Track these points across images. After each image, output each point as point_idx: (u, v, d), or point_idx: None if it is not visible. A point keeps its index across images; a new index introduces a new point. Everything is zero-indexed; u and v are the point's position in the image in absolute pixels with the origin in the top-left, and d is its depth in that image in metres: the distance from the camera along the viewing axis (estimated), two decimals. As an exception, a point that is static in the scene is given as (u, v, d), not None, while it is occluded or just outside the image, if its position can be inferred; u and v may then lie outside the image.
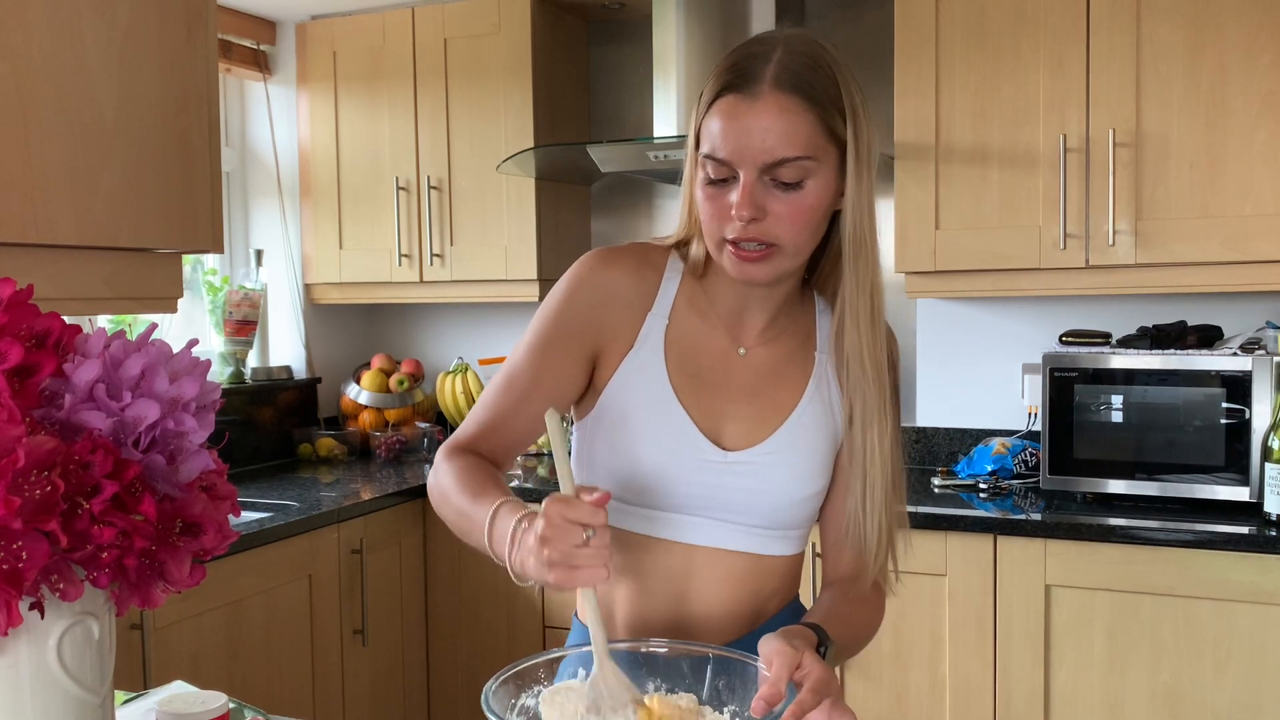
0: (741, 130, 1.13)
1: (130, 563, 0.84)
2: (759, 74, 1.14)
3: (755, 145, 1.13)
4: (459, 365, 3.47)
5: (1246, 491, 2.35)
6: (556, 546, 1.01)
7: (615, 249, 1.29)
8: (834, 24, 3.07)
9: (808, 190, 1.15)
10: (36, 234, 1.31)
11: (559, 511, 1.02)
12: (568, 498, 1.04)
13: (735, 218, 1.14)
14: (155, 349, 0.89)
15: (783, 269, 1.19)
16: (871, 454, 1.24)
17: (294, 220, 3.46)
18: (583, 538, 1.01)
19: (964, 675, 2.42)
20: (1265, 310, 2.67)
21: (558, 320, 1.26)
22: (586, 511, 1.02)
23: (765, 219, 1.14)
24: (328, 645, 2.67)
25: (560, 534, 1.01)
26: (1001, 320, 2.95)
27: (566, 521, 1.01)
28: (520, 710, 1.06)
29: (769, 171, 1.14)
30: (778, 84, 1.13)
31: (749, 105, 1.14)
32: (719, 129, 1.15)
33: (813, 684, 1.02)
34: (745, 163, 1.14)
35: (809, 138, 1.14)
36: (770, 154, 1.13)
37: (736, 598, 1.27)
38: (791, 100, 1.13)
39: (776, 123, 1.13)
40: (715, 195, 1.17)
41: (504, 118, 3.11)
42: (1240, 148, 2.39)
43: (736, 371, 1.27)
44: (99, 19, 1.37)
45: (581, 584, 1.02)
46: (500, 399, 1.26)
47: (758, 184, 1.14)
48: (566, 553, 1.01)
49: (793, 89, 1.13)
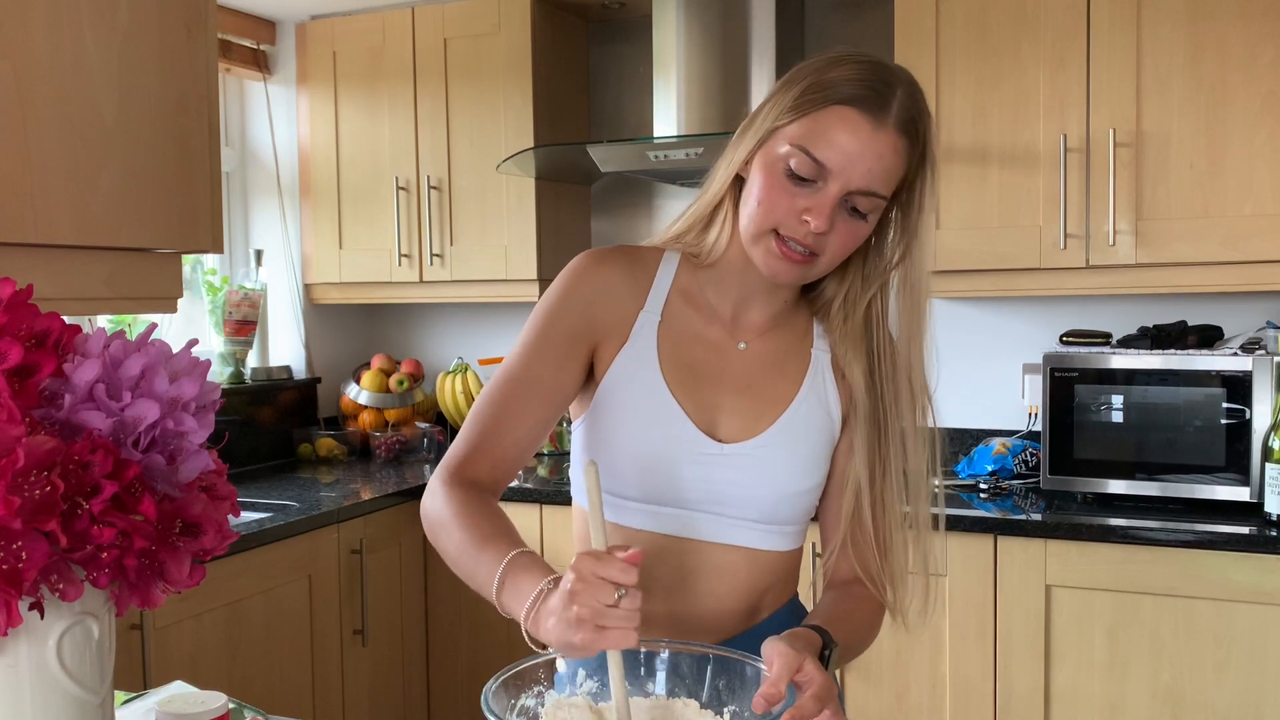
0: (859, 150, 1.13)
1: (130, 563, 0.84)
2: (888, 103, 1.15)
3: (861, 170, 1.14)
4: (459, 365, 3.47)
5: (1247, 491, 2.35)
6: (586, 603, 0.95)
7: (606, 249, 1.30)
8: (834, 24, 3.07)
9: (868, 224, 1.18)
10: (36, 234, 1.30)
11: (591, 568, 0.96)
12: (600, 553, 0.98)
13: (805, 222, 1.15)
14: (155, 349, 0.89)
15: (806, 278, 1.22)
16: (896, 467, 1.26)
17: (294, 220, 3.46)
18: (614, 597, 0.96)
19: (964, 675, 2.42)
20: (1265, 310, 2.67)
21: (553, 320, 1.25)
22: (619, 569, 0.96)
23: (824, 235, 1.16)
24: (328, 645, 2.66)
25: (591, 590, 0.96)
26: (1001, 320, 2.95)
27: (598, 579, 0.96)
28: (520, 711, 1.06)
29: (853, 196, 1.15)
30: (899, 122, 1.15)
31: (873, 130, 1.14)
32: (835, 137, 1.14)
33: (815, 690, 1.02)
34: (843, 179, 1.14)
35: (898, 179, 1.18)
36: (868, 184, 1.15)
37: (733, 593, 1.27)
38: (903, 142, 1.16)
39: (886, 159, 1.15)
40: (791, 189, 1.16)
41: (504, 118, 3.11)
42: (1240, 148, 2.38)
43: (733, 365, 1.27)
44: (99, 19, 1.36)
45: (608, 646, 0.97)
46: (497, 407, 1.23)
47: (839, 201, 1.15)
48: (596, 611, 0.95)
49: (906, 132, 1.16)
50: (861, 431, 1.26)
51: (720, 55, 2.84)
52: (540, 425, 1.25)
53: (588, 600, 0.95)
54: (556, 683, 1.10)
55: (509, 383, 1.24)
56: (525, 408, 1.23)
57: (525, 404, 1.23)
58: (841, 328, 1.28)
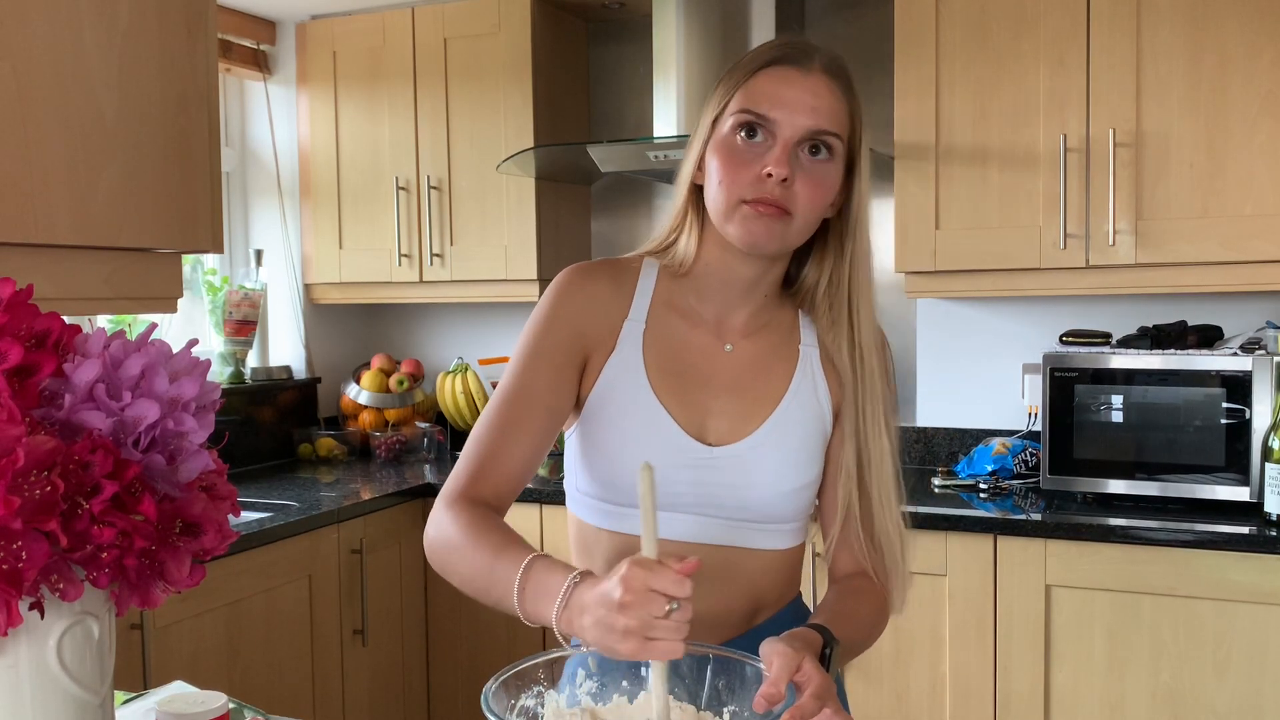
0: (795, 95, 1.19)
1: (130, 563, 0.84)
2: (810, 54, 1.22)
3: (804, 110, 1.18)
4: (459, 365, 3.47)
5: (1246, 491, 2.35)
6: (636, 615, 0.95)
7: (588, 264, 1.32)
8: (834, 24, 3.07)
9: (830, 167, 1.21)
10: (36, 234, 1.31)
11: (643, 579, 0.95)
12: (652, 563, 0.97)
13: (767, 176, 1.17)
14: (155, 349, 0.89)
15: (787, 241, 1.22)
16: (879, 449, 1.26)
17: (294, 220, 3.46)
18: (664, 610, 0.95)
19: (964, 675, 2.42)
20: (1265, 310, 2.67)
21: (542, 338, 1.27)
22: (673, 582, 0.95)
23: (790, 187, 1.18)
24: (328, 645, 2.66)
25: (642, 602, 0.95)
26: (1001, 320, 2.95)
27: (650, 591, 0.95)
28: (520, 711, 1.06)
29: (806, 140, 1.19)
30: (825, 67, 1.22)
31: (803, 75, 1.20)
32: (766, 89, 1.20)
33: (815, 689, 1.02)
34: (789, 125, 1.18)
35: (843, 120, 1.22)
36: (814, 122, 1.19)
37: (732, 594, 1.27)
38: (837, 84, 1.22)
39: (825, 96, 1.20)
40: (745, 156, 1.20)
41: (504, 118, 3.11)
42: (1240, 148, 2.38)
43: (721, 367, 1.28)
44: (99, 19, 1.36)
45: (656, 657, 0.97)
46: (496, 430, 1.24)
47: (793, 149, 1.19)
48: (646, 623, 0.95)
49: (838, 77, 1.22)
50: (848, 414, 1.28)
51: (720, 55, 2.84)
52: (540, 442, 1.25)
53: (638, 613, 0.95)
54: (561, 684, 1.10)
55: (505, 404, 1.25)
56: (523, 428, 1.24)
57: (523, 424, 1.24)
58: (829, 314, 1.29)
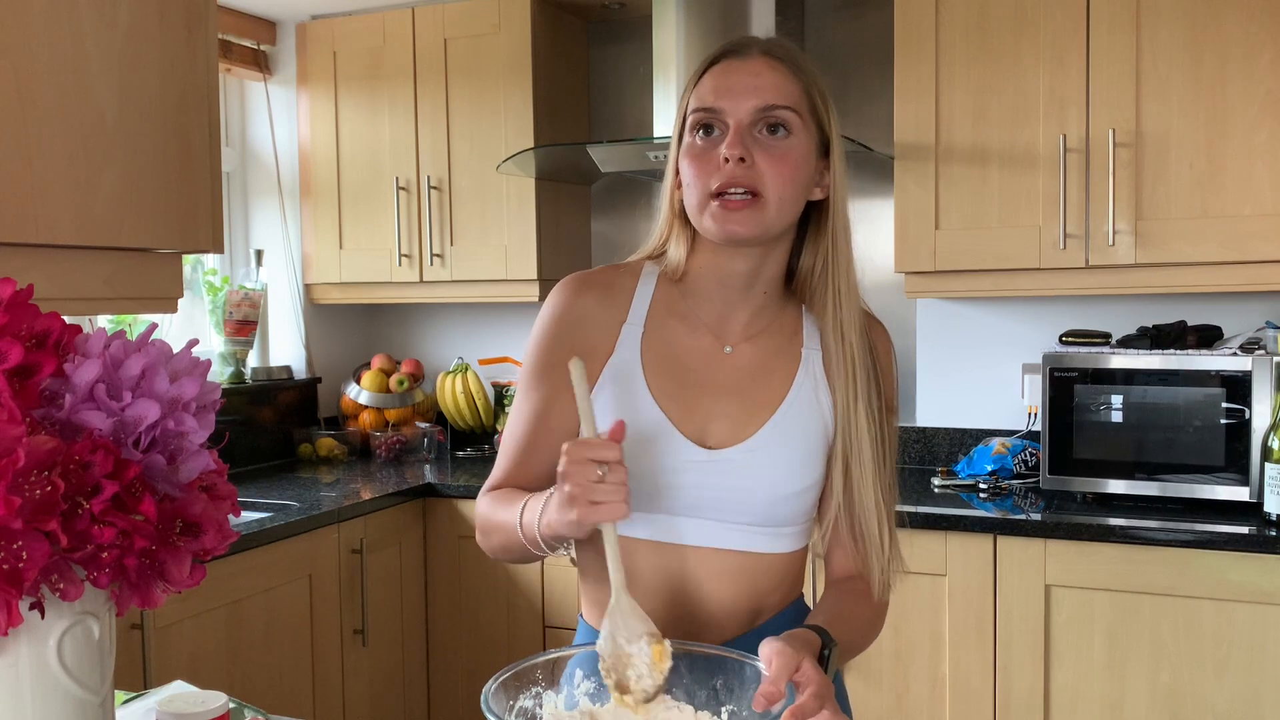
0: (736, 80, 1.22)
1: (130, 563, 0.84)
2: (748, 43, 1.25)
3: (747, 91, 1.20)
4: (459, 365, 3.47)
5: (1246, 491, 2.35)
6: (576, 481, 1.07)
7: (585, 273, 1.34)
8: (834, 24, 3.07)
9: (792, 143, 1.21)
10: (37, 234, 1.31)
11: (577, 452, 1.08)
12: (585, 439, 1.10)
13: (723, 161, 1.19)
14: (155, 349, 0.89)
15: (765, 224, 1.21)
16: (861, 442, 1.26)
17: (294, 220, 3.46)
18: (599, 474, 1.07)
19: (964, 675, 2.42)
20: (1265, 310, 2.67)
21: (546, 350, 1.30)
22: (601, 447, 1.08)
23: (752, 166, 1.19)
24: (328, 645, 2.67)
25: (579, 470, 1.07)
26: (1001, 320, 2.95)
27: (584, 459, 1.08)
28: (520, 711, 1.06)
29: (758, 118, 1.20)
30: (764, 51, 1.24)
31: (740, 62, 1.23)
32: (710, 84, 1.23)
33: (815, 689, 1.03)
34: (736, 107, 1.20)
35: (796, 96, 1.22)
36: (760, 98, 1.20)
37: (733, 596, 1.27)
38: (781, 64, 1.23)
39: (767, 75, 1.22)
40: (703, 151, 1.22)
41: (504, 118, 3.11)
42: (1240, 148, 2.38)
43: (722, 370, 1.28)
44: (99, 19, 1.37)
45: (602, 519, 1.08)
46: (523, 440, 1.31)
47: (747, 131, 1.20)
48: (585, 488, 1.07)
49: (781, 58, 1.24)
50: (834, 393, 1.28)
51: (720, 55, 2.84)
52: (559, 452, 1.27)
53: (577, 479, 1.07)
54: (562, 684, 1.11)
55: (524, 419, 1.31)
56: (544, 439, 1.29)
57: (543, 436, 1.29)
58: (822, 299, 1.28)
